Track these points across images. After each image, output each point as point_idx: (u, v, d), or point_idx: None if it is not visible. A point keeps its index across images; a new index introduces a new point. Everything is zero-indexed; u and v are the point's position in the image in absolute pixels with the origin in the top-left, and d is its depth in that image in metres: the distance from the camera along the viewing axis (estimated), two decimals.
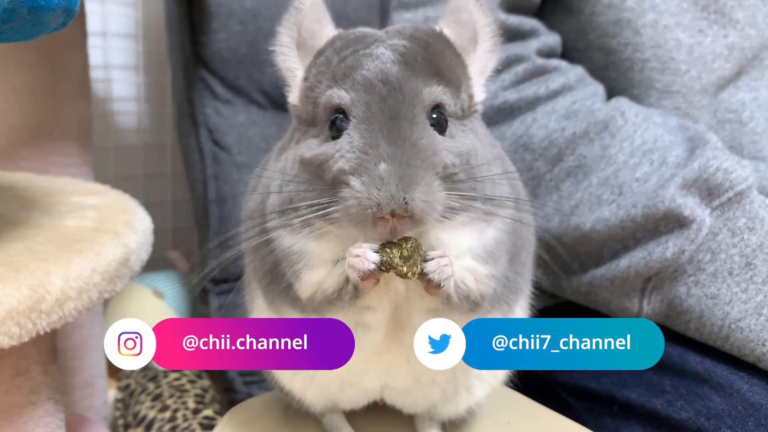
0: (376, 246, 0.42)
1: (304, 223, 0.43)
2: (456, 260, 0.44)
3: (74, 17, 0.58)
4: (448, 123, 0.45)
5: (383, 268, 0.41)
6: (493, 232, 0.46)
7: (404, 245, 0.41)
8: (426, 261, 0.42)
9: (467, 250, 0.45)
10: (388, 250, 0.41)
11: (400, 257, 0.41)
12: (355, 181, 0.40)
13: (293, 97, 0.50)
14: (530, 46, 0.80)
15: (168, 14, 1.20)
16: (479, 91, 0.49)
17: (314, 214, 0.42)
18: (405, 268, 0.41)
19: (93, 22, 1.30)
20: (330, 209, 0.41)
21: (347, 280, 0.44)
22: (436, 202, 0.40)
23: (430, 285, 0.42)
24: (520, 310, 0.57)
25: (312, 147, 0.45)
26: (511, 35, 0.79)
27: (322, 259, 0.45)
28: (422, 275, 0.42)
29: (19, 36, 0.53)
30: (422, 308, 0.45)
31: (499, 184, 0.47)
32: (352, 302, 0.45)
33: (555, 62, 0.80)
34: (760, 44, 0.81)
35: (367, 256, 0.41)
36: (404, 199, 0.39)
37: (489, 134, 0.52)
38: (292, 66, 0.49)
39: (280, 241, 0.47)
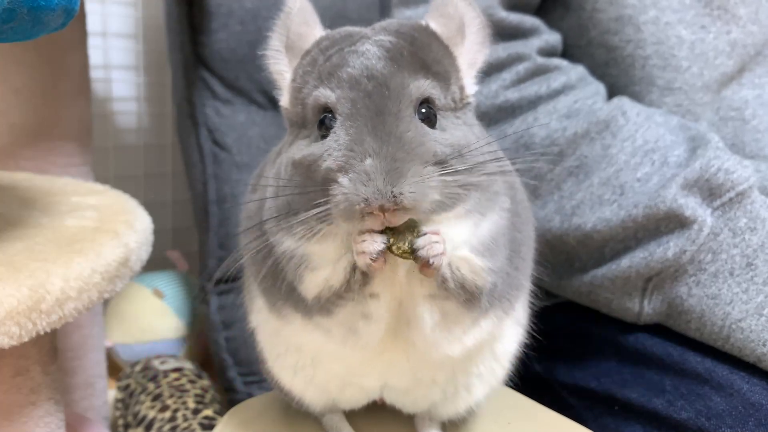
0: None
1: (303, 226, 0.43)
2: (452, 250, 0.44)
3: (74, 17, 0.58)
4: (439, 116, 0.45)
5: (393, 250, 0.41)
6: (490, 225, 0.46)
7: (406, 226, 0.42)
8: (419, 237, 0.42)
9: (463, 243, 0.45)
10: (398, 234, 0.42)
11: (407, 239, 0.41)
12: (342, 179, 0.40)
13: (284, 100, 0.49)
14: (531, 45, 0.79)
15: (168, 14, 1.20)
16: (470, 83, 0.49)
17: (310, 215, 0.42)
18: (397, 245, 0.41)
19: (93, 22, 1.30)
20: (323, 208, 0.41)
21: (353, 270, 0.44)
22: (428, 188, 0.40)
23: (423, 264, 0.42)
24: (520, 307, 0.57)
25: (302, 148, 0.45)
26: (511, 33, 0.79)
27: (325, 260, 0.45)
28: (413, 252, 0.41)
29: (19, 36, 0.53)
30: (422, 295, 0.45)
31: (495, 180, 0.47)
32: (361, 290, 0.45)
33: (556, 61, 0.80)
34: (762, 41, 0.81)
35: (374, 237, 0.41)
36: (392, 192, 0.39)
37: (483, 130, 0.52)
38: (281, 69, 0.49)
39: (280, 245, 0.47)
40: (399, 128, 0.41)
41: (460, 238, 0.44)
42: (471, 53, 0.49)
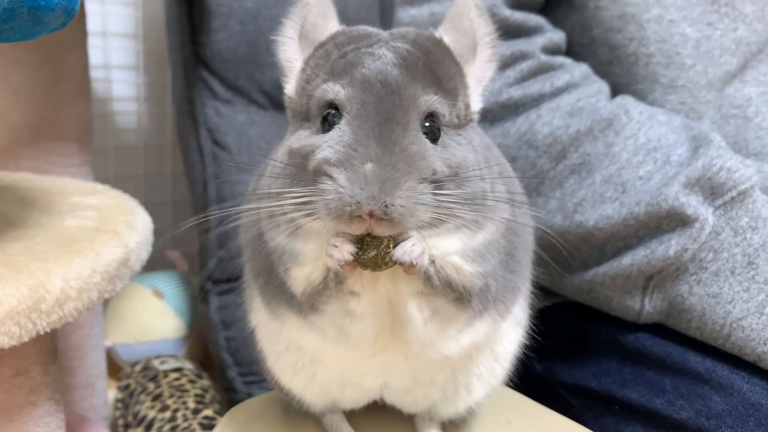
0: (353, 237, 0.42)
1: (289, 220, 0.43)
2: (441, 255, 0.44)
3: (74, 17, 0.58)
4: (441, 132, 0.44)
5: (359, 261, 0.42)
6: (484, 236, 0.46)
7: (375, 242, 0.41)
8: (395, 246, 0.42)
9: (454, 252, 0.45)
10: (366, 247, 0.41)
11: (369, 255, 0.41)
12: (339, 174, 0.39)
13: (289, 88, 0.49)
14: (535, 43, 0.79)
15: (168, 14, 1.20)
16: (476, 100, 0.49)
17: (294, 205, 0.42)
18: (376, 263, 0.41)
19: (93, 22, 1.30)
20: (309, 200, 0.41)
21: (329, 268, 0.44)
22: (417, 207, 0.40)
23: (405, 266, 0.42)
24: (519, 309, 0.57)
25: (301, 138, 0.45)
26: (515, 32, 0.79)
27: (310, 257, 0.45)
28: (394, 262, 0.42)
29: (19, 36, 0.53)
30: (409, 292, 0.45)
31: (493, 190, 0.47)
32: (338, 288, 0.45)
33: (560, 59, 0.80)
34: (765, 38, 0.81)
35: (344, 246, 0.41)
36: (384, 202, 0.39)
37: (486, 141, 0.52)
38: (291, 56, 0.49)
39: (271, 240, 0.47)
40: (405, 139, 0.41)
41: (452, 248, 0.44)
42: (481, 70, 0.49)
